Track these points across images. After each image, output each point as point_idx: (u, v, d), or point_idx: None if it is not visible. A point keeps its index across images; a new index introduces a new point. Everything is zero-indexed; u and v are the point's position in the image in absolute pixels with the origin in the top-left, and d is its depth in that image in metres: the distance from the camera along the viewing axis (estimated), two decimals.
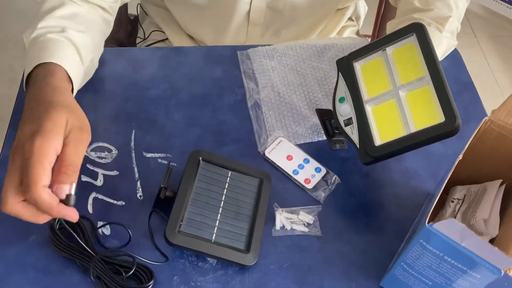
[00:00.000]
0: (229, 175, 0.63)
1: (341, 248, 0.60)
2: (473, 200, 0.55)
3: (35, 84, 0.57)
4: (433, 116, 0.58)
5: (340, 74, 0.65)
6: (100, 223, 0.60)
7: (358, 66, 0.65)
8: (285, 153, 0.67)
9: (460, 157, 0.47)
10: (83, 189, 0.63)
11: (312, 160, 0.67)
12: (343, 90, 0.64)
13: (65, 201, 0.50)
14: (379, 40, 0.64)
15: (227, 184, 0.62)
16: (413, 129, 0.59)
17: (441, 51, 0.73)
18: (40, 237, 0.59)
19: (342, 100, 0.64)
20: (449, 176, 0.47)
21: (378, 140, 0.59)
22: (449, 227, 0.40)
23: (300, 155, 0.67)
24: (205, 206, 0.60)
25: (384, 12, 1.01)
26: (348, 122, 0.62)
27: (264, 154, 0.67)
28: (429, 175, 0.67)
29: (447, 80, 0.60)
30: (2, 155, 0.65)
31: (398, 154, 0.59)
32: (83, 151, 0.53)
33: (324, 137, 0.70)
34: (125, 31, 1.04)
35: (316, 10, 0.86)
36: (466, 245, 0.41)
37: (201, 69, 0.77)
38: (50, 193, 0.49)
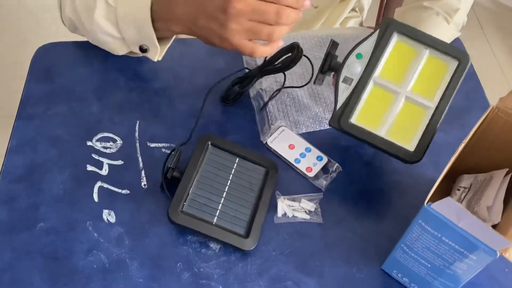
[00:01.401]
0: (237, 161, 0.64)
1: (342, 235, 0.61)
2: (479, 188, 0.55)
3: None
4: (407, 138, 0.61)
5: (376, 33, 0.62)
6: None
7: (395, 38, 0.62)
8: (287, 142, 0.68)
9: (465, 141, 0.48)
10: (89, 178, 0.64)
11: (313, 149, 0.67)
12: (367, 48, 0.61)
13: None
14: (429, 36, 0.61)
15: (233, 170, 0.63)
16: (383, 133, 0.61)
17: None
18: (47, 225, 0.60)
19: (359, 56, 0.62)
20: (453, 159, 0.47)
21: (354, 118, 0.61)
22: (446, 207, 0.41)
23: (302, 144, 0.68)
24: (210, 189, 0.61)
25: (387, 3, 1.01)
26: (347, 80, 0.61)
27: (266, 143, 0.67)
28: (430, 163, 0.67)
29: None
30: (10, 145, 0.67)
31: (359, 141, 0.62)
32: None
33: (326, 126, 0.70)
34: None
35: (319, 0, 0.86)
36: (462, 226, 0.42)
37: (204, 60, 0.78)
38: None
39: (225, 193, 0.61)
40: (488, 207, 0.52)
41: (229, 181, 0.62)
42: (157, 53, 0.69)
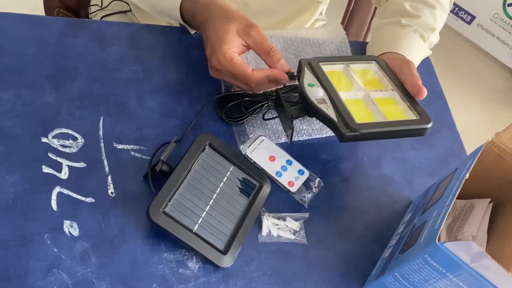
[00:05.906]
0: (231, 169, 0.60)
1: (324, 254, 0.59)
2: (459, 215, 0.57)
3: (192, 17, 0.67)
4: (403, 115, 0.61)
5: (305, 68, 0.63)
6: None
7: (323, 68, 0.64)
8: (268, 154, 0.64)
9: (467, 176, 0.48)
10: (45, 182, 0.55)
11: (294, 162, 0.64)
12: (311, 78, 0.63)
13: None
14: (343, 56, 0.70)
15: (225, 178, 0.59)
16: (386, 118, 0.60)
17: (419, 59, 0.74)
18: None
19: (311, 85, 0.62)
20: (457, 194, 0.47)
21: (357, 120, 0.58)
22: (463, 249, 0.41)
23: (282, 156, 0.64)
24: (197, 193, 0.56)
25: (353, 9, 1.01)
26: (320, 102, 0.60)
27: (246, 154, 0.63)
28: (404, 182, 0.68)
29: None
30: None
31: (375, 137, 0.58)
32: (262, 34, 0.62)
33: (305, 137, 0.68)
34: None
35: (295, 3, 0.83)
36: (475, 267, 0.42)
37: (177, 52, 0.71)
38: (260, 71, 0.61)
39: (212, 200, 0.57)
40: (473, 236, 0.53)
41: (219, 188, 0.58)
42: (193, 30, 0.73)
